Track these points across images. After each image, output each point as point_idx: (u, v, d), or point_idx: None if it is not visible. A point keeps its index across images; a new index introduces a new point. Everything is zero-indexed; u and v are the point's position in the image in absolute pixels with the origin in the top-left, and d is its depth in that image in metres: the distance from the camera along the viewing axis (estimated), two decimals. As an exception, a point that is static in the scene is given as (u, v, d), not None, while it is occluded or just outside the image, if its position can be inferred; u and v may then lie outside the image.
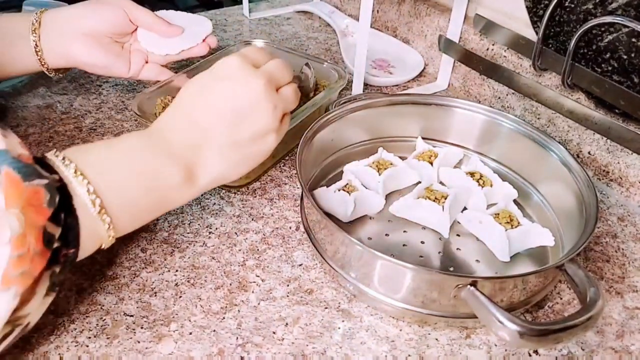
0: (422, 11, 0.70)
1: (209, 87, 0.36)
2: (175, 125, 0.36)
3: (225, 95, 0.36)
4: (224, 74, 0.37)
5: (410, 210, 0.45)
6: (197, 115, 0.36)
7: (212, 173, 0.37)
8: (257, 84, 0.36)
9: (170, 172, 0.34)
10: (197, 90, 0.37)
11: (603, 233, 0.46)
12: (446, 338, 0.36)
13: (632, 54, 0.45)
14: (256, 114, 0.37)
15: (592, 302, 0.31)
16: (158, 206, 0.35)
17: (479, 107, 0.50)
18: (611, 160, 0.50)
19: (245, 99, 0.36)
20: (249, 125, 0.37)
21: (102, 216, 0.31)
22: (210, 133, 0.36)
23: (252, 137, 0.37)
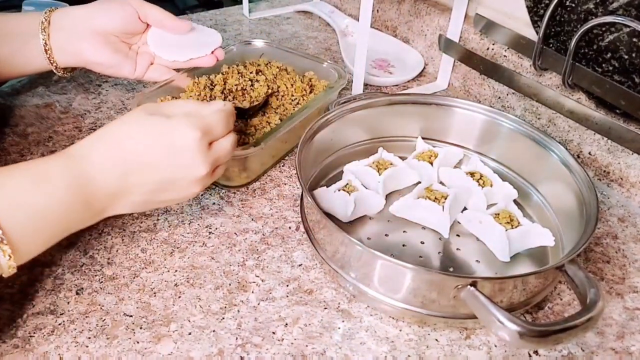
0: (422, 10, 0.70)
1: (158, 147, 0.36)
2: (106, 168, 0.35)
3: (168, 165, 0.36)
4: (180, 144, 0.36)
5: (410, 210, 0.45)
6: (132, 167, 0.35)
7: (117, 212, 0.37)
8: (198, 171, 0.37)
9: (83, 215, 0.35)
10: (148, 141, 0.36)
11: (603, 234, 0.46)
12: (446, 338, 0.36)
13: (633, 54, 0.45)
14: (180, 190, 0.38)
15: (592, 303, 0.31)
16: (61, 235, 0.34)
17: (479, 107, 0.50)
18: (612, 160, 0.50)
19: (180, 176, 0.37)
20: (167, 195, 0.38)
21: (9, 262, 0.31)
22: (132, 190, 0.36)
23: (172, 191, 0.38)
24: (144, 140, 0.36)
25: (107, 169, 0.35)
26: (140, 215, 0.45)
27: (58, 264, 0.40)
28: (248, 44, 0.62)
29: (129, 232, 0.43)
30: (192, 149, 0.36)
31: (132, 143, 0.35)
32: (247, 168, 0.48)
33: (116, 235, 0.43)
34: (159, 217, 0.45)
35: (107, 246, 0.42)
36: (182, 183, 0.37)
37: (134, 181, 0.35)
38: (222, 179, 0.48)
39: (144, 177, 0.36)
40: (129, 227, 0.44)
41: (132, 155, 0.35)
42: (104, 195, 0.35)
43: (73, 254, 0.41)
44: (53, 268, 0.40)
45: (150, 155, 0.36)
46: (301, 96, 0.55)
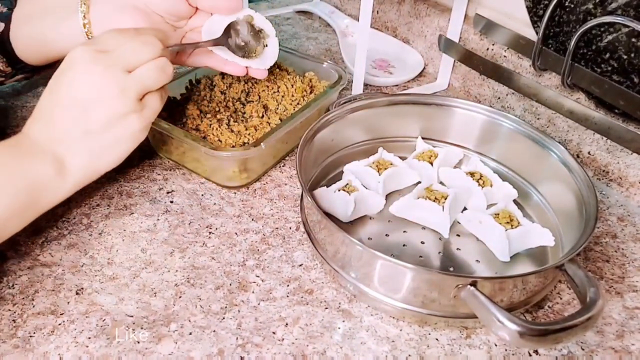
0: (422, 11, 0.70)
1: (57, 82, 0.37)
2: (35, 124, 0.37)
3: (67, 86, 0.36)
4: (67, 65, 0.37)
5: (410, 210, 0.45)
6: (50, 111, 0.37)
7: (81, 164, 0.37)
8: (95, 71, 0.36)
9: (39, 169, 0.35)
10: (50, 86, 0.37)
11: (603, 233, 0.46)
12: (446, 338, 0.36)
13: (632, 54, 0.45)
14: (102, 100, 0.36)
15: (592, 302, 0.31)
16: (36, 207, 0.36)
17: (479, 107, 0.50)
18: (611, 160, 0.50)
19: (85, 88, 0.36)
20: (98, 113, 0.37)
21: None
22: (62, 126, 0.36)
23: (107, 123, 0.37)
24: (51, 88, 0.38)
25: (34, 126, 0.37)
26: (140, 216, 0.45)
27: (58, 264, 0.40)
28: None
29: (129, 232, 0.44)
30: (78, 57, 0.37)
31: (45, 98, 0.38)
32: (248, 168, 0.48)
33: (116, 235, 0.43)
34: (159, 217, 0.45)
35: (107, 246, 0.42)
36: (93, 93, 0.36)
37: (59, 119, 0.36)
38: (223, 179, 0.48)
39: (62, 110, 0.36)
40: (129, 227, 0.44)
41: (47, 102, 0.37)
42: (47, 142, 0.36)
43: (73, 254, 0.41)
44: (53, 268, 0.40)
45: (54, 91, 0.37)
46: (301, 97, 0.55)
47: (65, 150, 0.36)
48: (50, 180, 0.36)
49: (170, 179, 0.50)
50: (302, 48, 0.76)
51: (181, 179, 0.50)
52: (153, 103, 0.40)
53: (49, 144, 0.36)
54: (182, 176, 0.50)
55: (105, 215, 0.45)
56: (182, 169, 0.51)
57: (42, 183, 0.35)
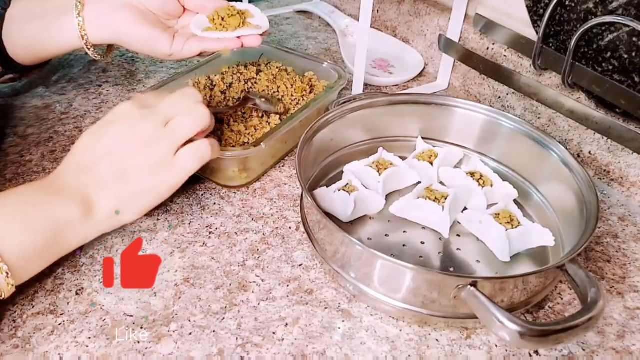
0: (422, 11, 0.70)
1: (98, 132, 0.38)
2: (66, 169, 0.38)
3: (111, 136, 0.38)
4: (112, 118, 0.39)
5: (410, 211, 0.45)
6: (86, 157, 0.38)
7: (107, 210, 0.37)
8: (140, 127, 0.38)
9: (67, 209, 0.36)
10: (88, 137, 0.38)
11: (604, 233, 0.46)
12: (446, 338, 0.36)
13: (633, 53, 0.45)
14: (138, 153, 0.38)
15: (593, 303, 0.31)
16: (59, 247, 0.36)
17: (479, 107, 0.50)
18: (612, 160, 0.50)
19: (127, 141, 0.38)
20: (132, 162, 0.37)
21: (7, 280, 0.32)
22: (96, 171, 0.37)
23: (138, 173, 0.38)
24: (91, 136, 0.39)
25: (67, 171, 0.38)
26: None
27: (58, 263, 0.40)
28: None
29: (129, 232, 0.43)
30: (125, 112, 0.38)
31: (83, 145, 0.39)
32: (248, 168, 0.48)
33: (116, 235, 0.43)
34: (159, 217, 0.45)
35: (107, 246, 0.42)
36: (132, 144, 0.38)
37: (95, 165, 0.37)
38: (223, 179, 0.48)
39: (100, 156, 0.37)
40: (129, 227, 0.44)
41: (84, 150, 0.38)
42: (76, 186, 0.37)
43: (73, 254, 0.41)
44: (53, 268, 0.40)
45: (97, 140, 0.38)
46: (301, 96, 0.55)
47: (95, 193, 0.37)
48: (76, 222, 0.36)
49: (170, 179, 0.50)
50: (302, 48, 0.76)
51: (181, 179, 0.50)
52: (186, 158, 0.39)
53: (80, 186, 0.37)
54: (182, 176, 0.50)
55: (105, 215, 0.45)
56: (182, 169, 0.51)
57: (67, 223, 0.36)
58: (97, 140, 0.38)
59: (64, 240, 0.36)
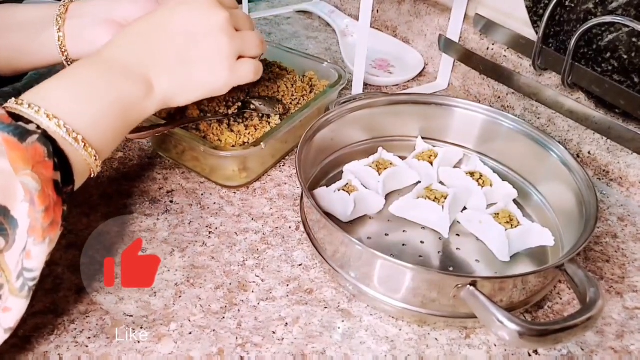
0: (422, 11, 0.70)
1: (167, 11, 0.38)
2: (129, 46, 0.38)
3: (182, 18, 0.38)
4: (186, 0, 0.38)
5: (410, 210, 0.45)
6: (149, 36, 0.38)
7: (165, 88, 0.38)
8: (216, 15, 0.38)
9: (132, 89, 0.36)
10: (156, 14, 0.38)
11: (603, 233, 0.46)
12: (446, 338, 0.36)
13: (632, 54, 0.45)
14: (208, 41, 0.38)
15: (592, 303, 0.31)
16: (130, 122, 0.38)
17: (479, 107, 0.50)
18: (611, 160, 0.50)
19: (200, 25, 0.38)
20: (199, 50, 0.38)
21: (87, 150, 0.33)
22: (160, 53, 0.38)
23: (201, 62, 0.38)
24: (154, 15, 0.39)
25: (130, 46, 0.37)
26: (140, 215, 0.45)
27: (58, 263, 0.40)
28: None
29: (129, 232, 0.44)
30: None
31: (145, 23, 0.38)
32: (247, 168, 0.48)
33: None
34: (159, 217, 0.45)
35: (107, 246, 0.42)
36: (204, 32, 0.38)
37: (159, 45, 0.37)
38: (223, 179, 0.48)
39: (166, 38, 0.38)
40: (129, 227, 0.44)
41: (148, 28, 0.38)
42: (136, 65, 0.37)
43: (73, 254, 0.41)
44: (53, 268, 0.40)
45: (165, 19, 0.38)
46: (301, 96, 0.55)
47: (156, 75, 0.38)
48: (139, 99, 0.37)
49: (169, 179, 0.50)
50: (302, 47, 0.76)
51: (181, 179, 0.50)
52: (246, 68, 0.41)
53: (139, 67, 0.37)
54: (182, 175, 0.50)
55: (105, 215, 0.45)
56: (181, 169, 0.51)
57: (132, 100, 0.36)
58: (165, 18, 0.38)
59: (129, 116, 0.37)
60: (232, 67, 0.40)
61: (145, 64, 0.37)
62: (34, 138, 0.29)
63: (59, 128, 0.32)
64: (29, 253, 0.29)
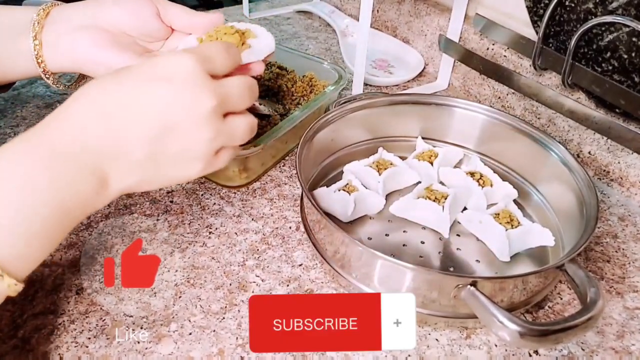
0: (422, 11, 0.70)
1: (142, 87, 0.30)
2: (85, 125, 0.29)
3: (160, 102, 0.30)
4: (168, 74, 0.30)
5: (410, 210, 0.45)
6: (116, 117, 0.29)
7: (123, 183, 0.31)
8: (204, 104, 0.30)
9: (78, 188, 0.29)
10: (126, 86, 0.30)
11: (603, 233, 0.46)
12: (446, 338, 0.36)
13: (633, 54, 0.45)
14: (188, 136, 0.31)
15: (593, 303, 0.31)
16: (69, 225, 0.30)
17: (479, 107, 0.50)
18: (612, 160, 0.50)
19: (183, 115, 0.30)
20: (175, 145, 0.31)
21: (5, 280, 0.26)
22: (126, 143, 0.30)
23: (174, 159, 0.31)
24: (124, 87, 0.30)
25: (89, 126, 0.29)
26: (140, 215, 0.45)
27: (58, 263, 0.40)
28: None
29: (129, 232, 0.43)
30: (188, 75, 0.30)
31: (111, 96, 0.30)
32: (247, 168, 0.48)
33: (116, 235, 0.43)
34: (159, 217, 0.45)
35: (107, 246, 0.42)
36: (186, 125, 0.30)
37: (127, 133, 0.29)
38: (223, 179, 0.48)
39: (138, 125, 0.29)
40: (129, 227, 0.44)
41: (115, 106, 0.29)
42: (96, 155, 0.29)
43: (73, 254, 0.41)
44: (53, 268, 0.40)
45: (139, 98, 0.30)
46: (301, 96, 0.55)
47: (115, 170, 0.30)
48: (86, 200, 0.29)
49: (170, 179, 0.50)
50: (302, 48, 0.76)
51: (181, 179, 0.50)
52: (223, 160, 0.35)
53: (97, 157, 0.29)
54: (182, 176, 0.50)
55: (105, 215, 0.45)
56: (182, 169, 0.51)
57: (76, 203, 0.29)
58: (136, 98, 0.30)
59: (70, 218, 0.29)
60: (208, 163, 0.33)
61: (103, 155, 0.29)
62: None
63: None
64: None
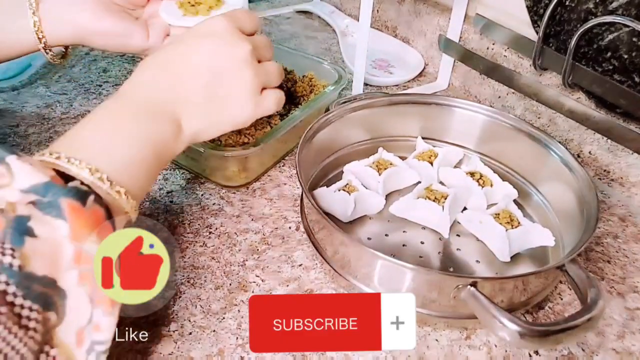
0: (422, 10, 0.70)
1: (190, 45, 0.36)
2: (153, 83, 0.35)
3: (207, 53, 0.36)
4: (208, 32, 0.37)
5: (410, 210, 0.45)
6: (175, 71, 0.35)
7: (192, 127, 0.36)
8: (241, 48, 0.36)
9: (163, 131, 0.34)
10: (178, 47, 0.36)
11: (604, 233, 0.46)
12: (446, 339, 0.36)
13: (633, 53, 0.45)
14: (234, 76, 0.36)
15: (593, 303, 0.31)
16: (162, 164, 0.36)
17: (479, 107, 0.49)
18: (612, 160, 0.50)
19: (225, 60, 0.36)
20: (226, 86, 0.36)
21: (129, 202, 0.32)
22: (187, 90, 0.36)
23: (228, 98, 0.37)
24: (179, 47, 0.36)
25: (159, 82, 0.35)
26: (140, 215, 0.45)
27: (58, 264, 0.40)
28: None
29: (129, 232, 0.43)
30: (225, 30, 0.36)
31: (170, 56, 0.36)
32: (247, 168, 0.48)
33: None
34: (158, 218, 0.45)
35: (107, 246, 0.42)
36: (230, 68, 0.36)
37: (186, 82, 0.35)
38: (222, 179, 0.48)
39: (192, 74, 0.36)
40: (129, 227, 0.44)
41: (174, 63, 0.36)
42: (165, 104, 0.35)
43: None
44: (53, 268, 0.40)
45: (190, 53, 0.36)
46: (301, 96, 0.55)
47: (184, 114, 0.35)
48: (170, 142, 0.35)
49: (169, 179, 0.50)
50: (302, 47, 0.76)
51: (181, 179, 0.50)
52: (270, 100, 0.40)
53: (167, 105, 0.35)
54: (182, 176, 0.50)
55: (105, 215, 0.45)
56: (181, 169, 0.51)
57: (164, 144, 0.34)
58: (189, 52, 0.36)
59: (162, 158, 0.35)
60: (257, 101, 0.38)
61: (173, 103, 0.35)
62: (92, 199, 0.28)
63: (102, 182, 0.30)
64: (97, 326, 0.27)
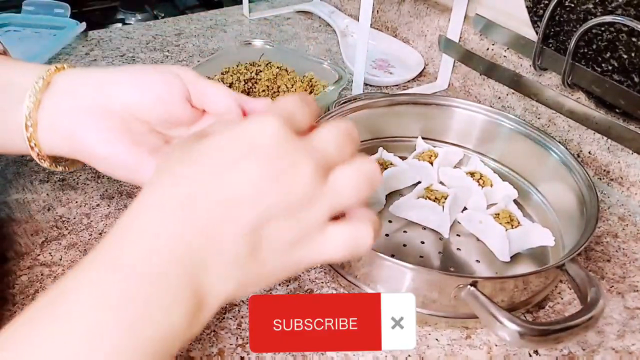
0: (422, 11, 0.70)
1: (227, 168, 0.23)
2: (168, 227, 0.22)
3: (245, 182, 0.22)
4: (253, 148, 0.23)
5: (410, 210, 0.45)
6: (202, 209, 0.22)
7: (223, 295, 0.23)
8: (303, 170, 0.23)
9: (171, 319, 0.22)
10: (207, 170, 0.23)
11: (604, 233, 0.46)
12: (446, 338, 0.36)
13: (632, 54, 0.45)
14: (286, 210, 0.23)
15: (593, 302, 0.31)
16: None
17: (479, 107, 0.50)
18: (612, 159, 0.50)
19: (271, 188, 0.22)
20: (276, 227, 0.23)
21: None
22: (220, 238, 0.22)
23: (280, 244, 0.23)
24: (204, 172, 0.23)
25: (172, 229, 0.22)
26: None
27: (58, 264, 0.40)
28: (248, 45, 0.62)
29: (129, 232, 0.43)
30: (278, 142, 0.23)
31: (191, 186, 0.23)
32: (247, 168, 0.48)
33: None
34: (159, 218, 0.45)
35: (108, 246, 0.42)
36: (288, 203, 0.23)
37: (218, 229, 0.22)
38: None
39: (229, 218, 0.22)
40: (129, 227, 0.44)
41: (197, 198, 0.23)
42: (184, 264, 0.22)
43: (73, 255, 0.41)
44: (53, 268, 0.40)
45: (223, 185, 0.23)
46: (301, 96, 0.55)
47: (209, 276, 0.22)
48: (181, 332, 0.22)
49: (170, 179, 0.49)
50: (302, 48, 0.76)
51: (181, 179, 0.50)
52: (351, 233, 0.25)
53: (187, 267, 0.22)
54: (182, 176, 0.50)
55: (105, 215, 0.45)
56: (182, 169, 0.51)
57: (169, 338, 0.22)
58: (226, 182, 0.22)
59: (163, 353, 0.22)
60: (318, 240, 0.24)
61: (198, 261, 0.22)
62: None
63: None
64: None
